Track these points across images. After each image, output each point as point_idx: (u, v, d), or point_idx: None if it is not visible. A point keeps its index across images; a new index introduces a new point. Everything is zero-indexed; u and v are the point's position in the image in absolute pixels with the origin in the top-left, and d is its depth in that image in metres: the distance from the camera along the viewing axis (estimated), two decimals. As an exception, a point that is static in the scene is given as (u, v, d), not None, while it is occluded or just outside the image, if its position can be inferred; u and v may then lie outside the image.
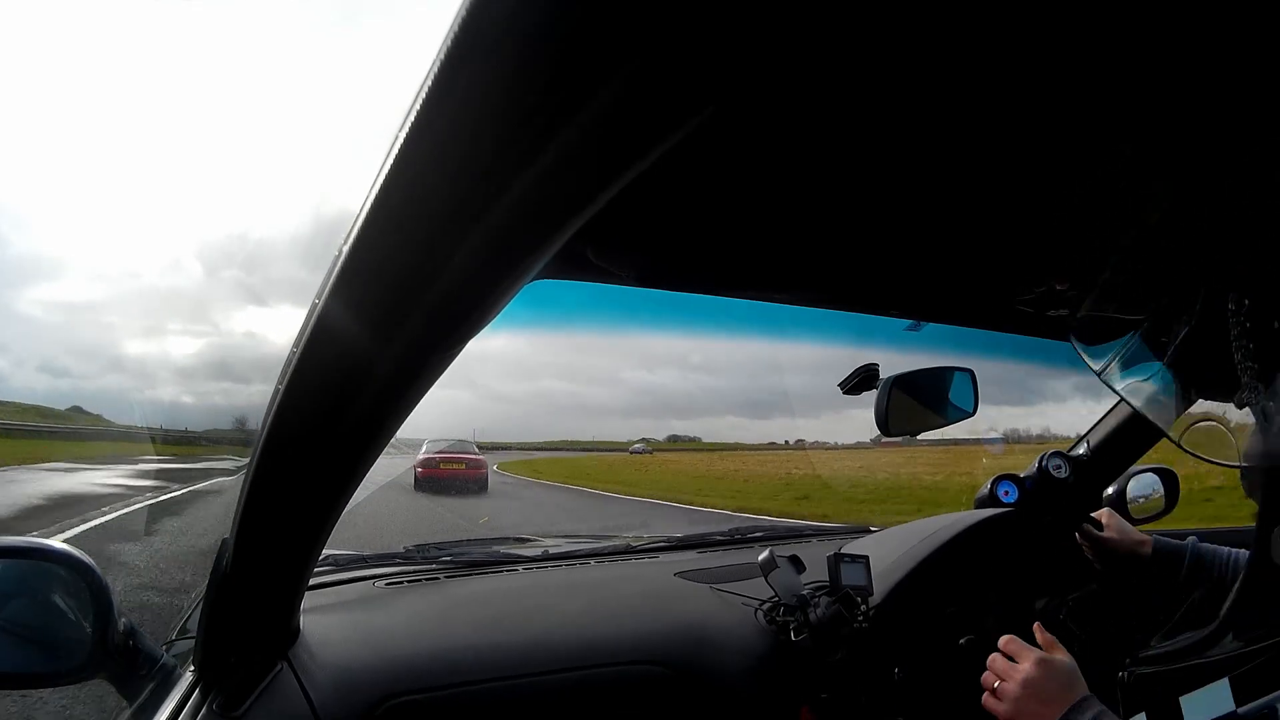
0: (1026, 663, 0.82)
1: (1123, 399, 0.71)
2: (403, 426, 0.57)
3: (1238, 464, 0.64)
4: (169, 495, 8.17)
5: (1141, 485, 1.41)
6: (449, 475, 11.01)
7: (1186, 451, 0.66)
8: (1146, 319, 0.68)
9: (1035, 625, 0.91)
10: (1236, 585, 0.68)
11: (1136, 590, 1.16)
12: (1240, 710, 0.60)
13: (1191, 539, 1.14)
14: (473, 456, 11.85)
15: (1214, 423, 0.64)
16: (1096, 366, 0.71)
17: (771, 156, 0.58)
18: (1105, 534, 1.19)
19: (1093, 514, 1.22)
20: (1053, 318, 0.99)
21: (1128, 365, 0.70)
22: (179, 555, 4.56)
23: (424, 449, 11.76)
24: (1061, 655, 0.84)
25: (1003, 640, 0.88)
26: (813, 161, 0.60)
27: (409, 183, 0.35)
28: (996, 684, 0.85)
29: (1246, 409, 0.59)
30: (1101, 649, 0.98)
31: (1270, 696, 0.58)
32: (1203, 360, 0.61)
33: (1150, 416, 0.69)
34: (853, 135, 0.56)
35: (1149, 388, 0.68)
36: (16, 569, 0.78)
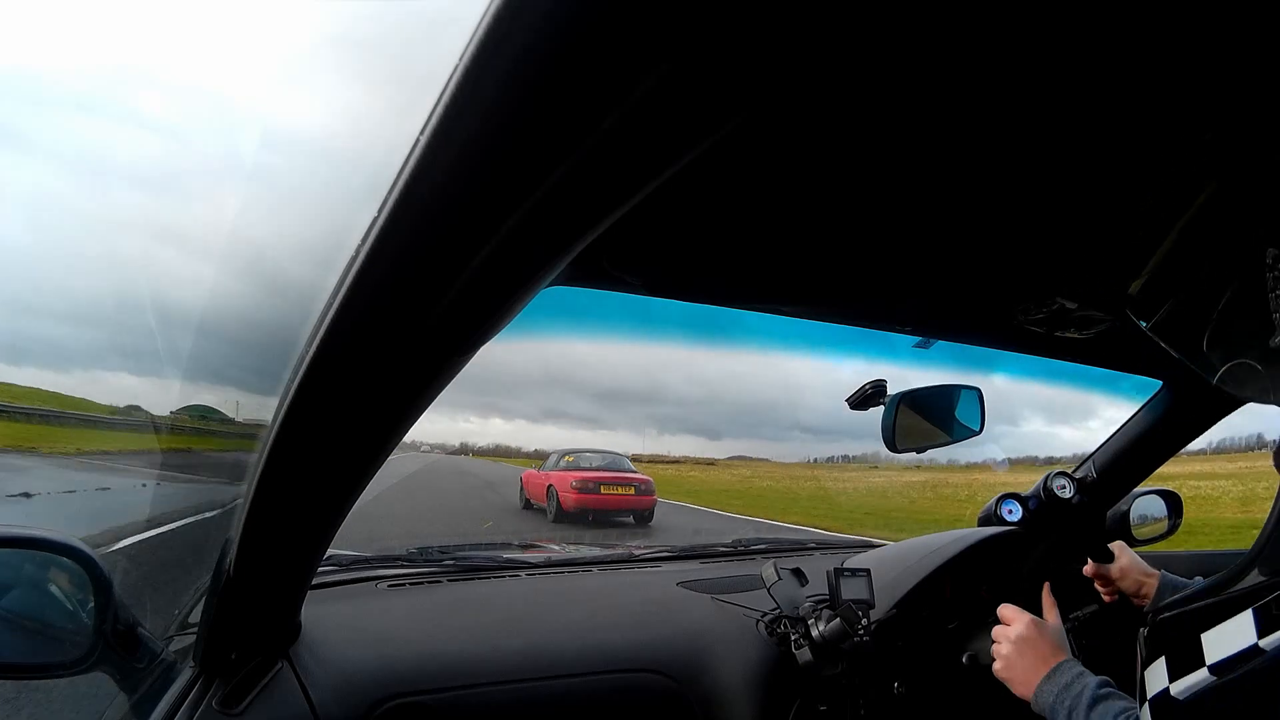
0: (1019, 625, 0.93)
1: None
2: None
3: (1274, 402, 0.62)
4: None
5: (1145, 507, 1.40)
6: (615, 504, 7.97)
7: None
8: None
9: (1045, 585, 1.03)
10: (1268, 522, 0.63)
11: (1137, 611, 1.15)
12: (1263, 642, 0.56)
13: (1198, 578, 1.12)
14: (641, 479, 8.50)
15: (1255, 363, 0.63)
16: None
17: (786, 171, 0.58)
18: (1115, 564, 1.18)
19: (1108, 544, 1.19)
20: (1061, 338, 0.99)
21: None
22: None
23: (554, 462, 8.65)
24: (1053, 620, 0.96)
25: (1000, 608, 0.97)
26: (826, 176, 0.60)
27: (429, 189, 0.36)
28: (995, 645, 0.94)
29: None
30: (1106, 658, 0.98)
31: None
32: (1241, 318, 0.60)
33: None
34: (865, 150, 0.56)
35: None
36: (17, 559, 0.77)
